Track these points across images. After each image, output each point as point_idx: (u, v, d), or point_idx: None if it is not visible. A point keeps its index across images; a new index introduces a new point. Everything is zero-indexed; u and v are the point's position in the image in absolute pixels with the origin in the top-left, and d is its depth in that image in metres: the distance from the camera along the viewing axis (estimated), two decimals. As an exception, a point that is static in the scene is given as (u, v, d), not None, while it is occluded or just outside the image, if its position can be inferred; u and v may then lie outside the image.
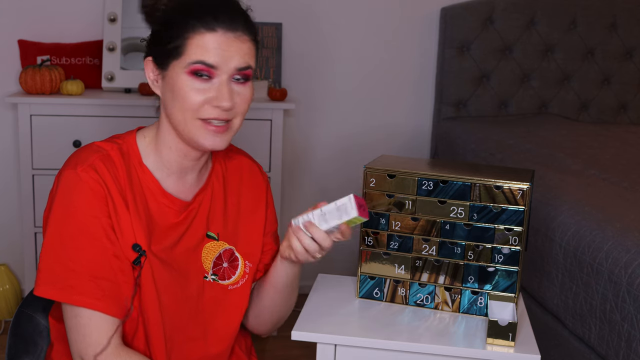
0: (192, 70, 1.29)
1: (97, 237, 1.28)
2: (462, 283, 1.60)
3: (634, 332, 1.75)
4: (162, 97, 1.35)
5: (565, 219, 2.11)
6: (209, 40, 1.29)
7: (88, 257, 1.27)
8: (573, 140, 2.88)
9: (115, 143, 1.36)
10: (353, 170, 3.19)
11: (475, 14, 3.21)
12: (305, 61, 3.21)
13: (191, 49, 1.29)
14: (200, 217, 1.42)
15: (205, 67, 1.29)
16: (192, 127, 1.32)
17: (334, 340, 1.49)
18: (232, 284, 1.46)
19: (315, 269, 3.31)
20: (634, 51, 3.45)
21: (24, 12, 2.96)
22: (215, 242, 1.44)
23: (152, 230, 1.35)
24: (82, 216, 1.27)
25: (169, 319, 1.38)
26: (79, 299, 1.27)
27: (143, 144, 1.38)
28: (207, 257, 1.43)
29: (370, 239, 1.65)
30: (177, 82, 1.30)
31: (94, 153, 1.32)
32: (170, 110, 1.33)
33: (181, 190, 1.40)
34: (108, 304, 1.28)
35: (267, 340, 2.95)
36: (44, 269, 1.29)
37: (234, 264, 1.46)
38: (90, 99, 2.70)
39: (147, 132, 1.40)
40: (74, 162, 1.31)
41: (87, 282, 1.27)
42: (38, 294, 1.29)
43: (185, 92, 1.30)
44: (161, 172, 1.38)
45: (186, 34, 1.29)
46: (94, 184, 1.28)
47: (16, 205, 3.01)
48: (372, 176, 1.63)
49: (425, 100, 3.35)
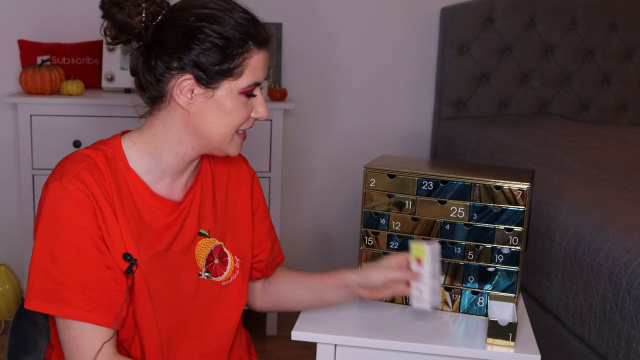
0: (247, 91, 1.33)
1: (86, 248, 1.27)
2: (462, 283, 1.60)
3: (634, 332, 1.75)
4: (192, 112, 1.32)
5: (565, 219, 2.11)
6: (261, 60, 1.33)
7: (78, 270, 1.27)
8: (573, 140, 2.88)
9: (100, 149, 1.34)
10: (353, 170, 3.19)
11: (475, 14, 3.21)
12: (305, 61, 3.21)
13: (248, 70, 1.31)
14: (192, 215, 1.42)
15: (256, 87, 1.34)
16: (232, 140, 1.36)
17: (334, 340, 1.49)
18: (224, 280, 1.46)
19: (315, 269, 3.32)
20: (634, 51, 3.45)
21: (24, 12, 2.96)
22: (207, 239, 1.44)
23: (144, 234, 1.34)
24: (71, 229, 1.27)
25: (165, 323, 1.38)
26: (70, 312, 1.27)
27: (132, 149, 1.36)
28: (200, 255, 1.43)
29: (370, 239, 1.65)
30: (227, 101, 1.32)
31: (79, 163, 1.30)
32: (209, 126, 1.33)
33: (173, 191, 1.40)
34: (100, 315, 1.28)
35: (267, 340, 2.96)
36: (34, 283, 1.28)
37: (223, 260, 1.46)
38: (90, 99, 2.69)
39: (134, 137, 1.38)
40: (59, 173, 1.30)
41: (78, 295, 1.26)
42: (29, 307, 1.28)
43: (237, 109, 1.33)
44: (153, 176, 1.37)
45: (245, 54, 1.30)
46: (81, 195, 1.27)
47: (16, 205, 3.01)
48: (372, 176, 1.63)
49: (425, 100, 3.35)
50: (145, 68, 1.32)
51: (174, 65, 1.30)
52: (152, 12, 1.30)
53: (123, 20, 1.29)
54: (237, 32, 1.29)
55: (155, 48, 1.31)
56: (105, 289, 1.28)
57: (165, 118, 1.34)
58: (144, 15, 1.30)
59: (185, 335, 1.42)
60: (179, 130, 1.34)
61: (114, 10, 1.29)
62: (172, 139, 1.35)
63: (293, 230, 3.30)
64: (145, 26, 1.30)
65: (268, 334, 2.99)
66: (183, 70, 1.29)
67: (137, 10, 1.29)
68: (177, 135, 1.35)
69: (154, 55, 1.31)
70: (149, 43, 1.32)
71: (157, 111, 1.35)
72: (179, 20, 1.30)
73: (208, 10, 1.29)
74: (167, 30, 1.30)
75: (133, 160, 1.36)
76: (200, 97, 1.31)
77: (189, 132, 1.34)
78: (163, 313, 1.37)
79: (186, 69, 1.29)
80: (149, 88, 1.34)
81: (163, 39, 1.30)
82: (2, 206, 3.06)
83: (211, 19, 1.29)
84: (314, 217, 3.36)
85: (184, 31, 1.29)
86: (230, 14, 1.30)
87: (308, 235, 3.36)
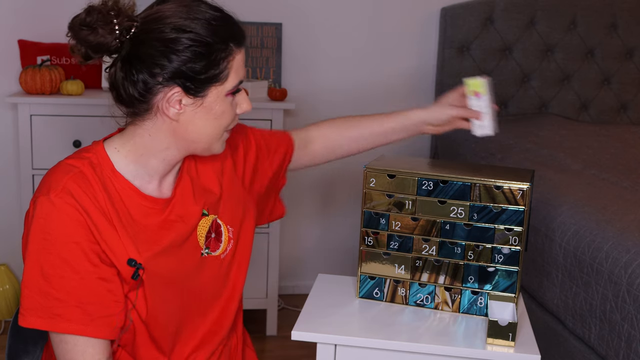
0: (234, 92, 1.33)
1: (79, 262, 1.26)
2: (462, 283, 1.60)
3: (634, 332, 1.75)
4: (182, 121, 1.31)
5: (565, 219, 2.11)
6: (242, 58, 1.34)
7: (73, 285, 1.26)
8: (573, 140, 2.88)
9: (85, 158, 1.32)
10: (353, 170, 3.19)
11: (475, 14, 3.21)
12: (305, 61, 3.21)
13: (233, 71, 1.31)
14: (188, 203, 1.41)
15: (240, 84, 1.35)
16: (220, 139, 1.37)
17: (334, 340, 1.49)
18: (222, 252, 1.46)
19: (315, 269, 3.32)
20: (634, 51, 3.45)
21: (24, 12, 2.96)
22: (206, 217, 1.44)
23: (141, 236, 1.33)
24: (61, 244, 1.25)
25: (175, 316, 1.39)
26: (67, 327, 1.26)
27: (117, 156, 1.34)
28: (201, 234, 1.43)
29: (370, 239, 1.65)
30: (217, 105, 1.32)
31: (65, 174, 1.28)
32: (199, 131, 1.32)
33: (162, 190, 1.39)
34: (97, 328, 1.27)
35: (267, 340, 2.96)
36: (27, 301, 1.26)
37: (218, 231, 1.46)
38: (90, 99, 2.70)
39: (117, 144, 1.36)
40: (46, 187, 1.28)
41: (74, 309, 1.26)
42: (25, 325, 1.27)
43: (226, 111, 1.33)
44: (141, 180, 1.35)
45: (229, 57, 1.30)
46: (69, 209, 1.25)
47: (16, 205, 3.01)
48: (372, 176, 1.63)
49: (425, 100, 3.34)
50: (128, 83, 1.28)
51: (158, 80, 1.27)
52: (124, 27, 1.26)
53: (96, 40, 1.25)
54: (216, 36, 1.28)
55: (135, 63, 1.26)
56: (101, 301, 1.28)
57: (151, 128, 1.32)
58: (117, 32, 1.25)
59: (192, 317, 1.43)
60: (166, 137, 1.33)
61: (86, 32, 1.25)
62: (158, 146, 1.34)
63: (293, 230, 3.31)
64: (120, 42, 1.27)
65: (268, 334, 2.99)
66: (169, 82, 1.27)
67: (109, 28, 1.25)
68: (164, 142, 1.33)
69: (135, 70, 1.27)
70: (127, 57, 1.28)
71: (141, 122, 1.33)
72: (155, 33, 1.26)
73: (181, 19, 1.26)
74: (145, 43, 1.26)
75: (119, 166, 1.34)
76: (190, 106, 1.30)
77: (177, 139, 1.33)
78: (175, 302, 1.38)
79: (172, 81, 1.27)
80: (132, 102, 1.30)
81: (142, 53, 1.26)
82: (2, 206, 3.06)
83: (187, 27, 1.26)
84: (314, 217, 3.36)
85: (163, 43, 1.25)
86: (204, 18, 1.27)
87: (308, 235, 3.36)
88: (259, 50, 3.09)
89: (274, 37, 3.08)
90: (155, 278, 1.33)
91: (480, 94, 1.62)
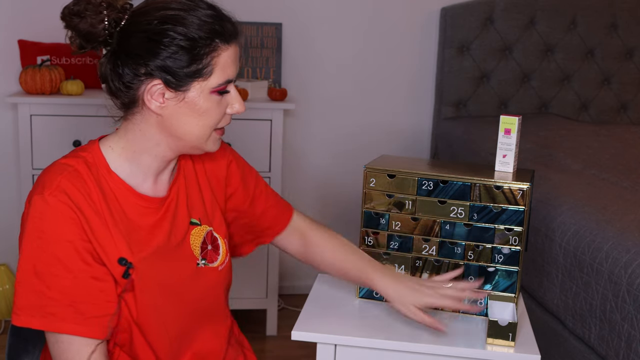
0: (220, 89, 1.31)
1: (72, 261, 1.26)
2: (462, 283, 1.60)
3: (634, 332, 1.75)
4: (166, 115, 1.31)
5: (565, 219, 2.11)
6: (231, 55, 1.30)
7: (66, 284, 1.26)
8: (573, 140, 2.88)
9: (80, 156, 1.33)
10: (353, 170, 3.19)
11: (475, 14, 3.21)
12: (305, 61, 3.21)
13: (218, 68, 1.29)
14: (181, 206, 1.41)
15: (229, 83, 1.32)
16: (209, 138, 1.35)
17: (334, 340, 1.49)
18: (220, 264, 1.46)
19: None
20: (634, 51, 3.45)
21: (24, 12, 2.96)
22: (199, 227, 1.44)
23: (135, 235, 1.33)
24: (55, 242, 1.25)
25: (172, 319, 1.39)
26: (60, 326, 1.26)
27: (112, 155, 1.35)
28: (195, 244, 1.43)
29: (370, 239, 1.65)
30: (200, 101, 1.30)
31: (59, 174, 1.29)
32: (185, 128, 1.32)
33: (157, 189, 1.39)
34: (90, 327, 1.27)
35: (267, 340, 2.96)
36: (21, 299, 1.27)
37: (215, 244, 1.46)
38: (90, 99, 2.70)
39: (112, 143, 1.37)
40: (40, 186, 1.28)
41: (67, 308, 1.26)
42: (19, 324, 1.27)
43: (211, 109, 1.31)
44: (135, 179, 1.36)
45: (213, 52, 1.28)
46: (63, 207, 1.25)
47: (16, 205, 3.01)
48: (372, 176, 1.63)
49: (425, 100, 3.35)
50: (114, 75, 1.30)
51: (141, 72, 1.28)
52: (114, 19, 1.28)
53: (86, 29, 1.28)
54: (201, 31, 1.27)
55: (121, 55, 1.28)
56: (94, 300, 1.28)
57: (140, 122, 1.33)
58: (106, 23, 1.28)
59: (192, 326, 1.43)
60: (155, 133, 1.33)
61: (76, 21, 1.28)
62: (149, 142, 1.34)
63: (293, 230, 3.30)
64: (109, 33, 1.29)
65: (268, 334, 2.99)
66: (151, 75, 1.28)
67: (98, 18, 1.27)
68: (154, 138, 1.34)
69: (121, 62, 1.28)
70: (116, 50, 1.30)
71: (132, 116, 1.34)
72: (142, 25, 1.27)
73: (170, 12, 1.27)
74: (132, 36, 1.28)
75: (114, 166, 1.35)
76: (172, 100, 1.29)
77: (165, 135, 1.33)
78: (169, 310, 1.38)
79: (154, 74, 1.27)
80: (119, 95, 1.32)
81: (128, 45, 1.28)
82: (2, 206, 3.06)
83: (174, 20, 1.26)
84: (314, 216, 3.35)
85: (148, 36, 1.26)
86: (193, 13, 1.27)
87: (308, 235, 3.36)
88: (259, 50, 3.09)
89: (273, 37, 3.08)
90: (147, 280, 1.33)
91: (510, 132, 1.68)
